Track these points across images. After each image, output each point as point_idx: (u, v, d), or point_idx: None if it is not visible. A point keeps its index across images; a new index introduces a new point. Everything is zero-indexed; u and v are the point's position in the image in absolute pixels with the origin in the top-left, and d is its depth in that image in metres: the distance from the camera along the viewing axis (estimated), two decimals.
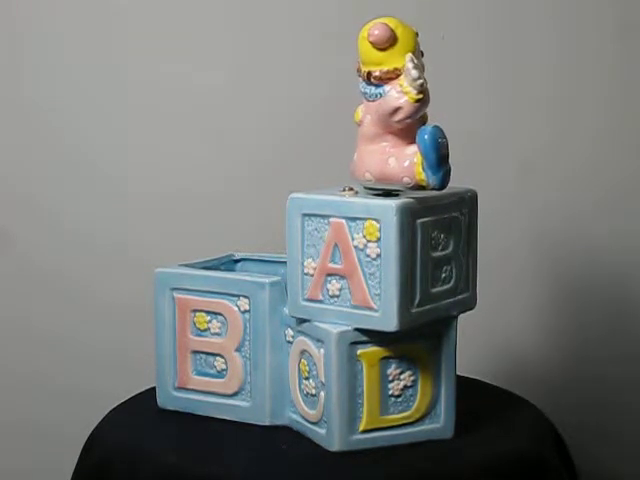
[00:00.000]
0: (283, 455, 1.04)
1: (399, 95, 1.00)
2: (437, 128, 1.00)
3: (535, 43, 1.58)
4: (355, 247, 1.01)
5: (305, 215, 1.04)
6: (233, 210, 1.58)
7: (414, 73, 0.99)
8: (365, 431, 1.04)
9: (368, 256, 1.01)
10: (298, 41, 1.57)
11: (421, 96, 1.00)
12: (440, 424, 1.07)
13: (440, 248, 1.04)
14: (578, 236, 1.61)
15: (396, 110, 1.01)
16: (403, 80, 1.00)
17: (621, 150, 1.61)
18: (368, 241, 1.01)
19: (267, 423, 1.10)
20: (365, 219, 1.01)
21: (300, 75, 1.57)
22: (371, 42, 1.01)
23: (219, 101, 1.57)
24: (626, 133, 1.61)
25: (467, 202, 1.07)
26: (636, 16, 1.59)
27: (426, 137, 0.99)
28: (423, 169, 1.00)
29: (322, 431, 1.04)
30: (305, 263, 1.05)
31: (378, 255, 1.00)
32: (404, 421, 1.05)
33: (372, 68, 1.02)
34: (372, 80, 1.02)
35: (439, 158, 0.99)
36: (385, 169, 1.02)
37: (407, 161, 1.01)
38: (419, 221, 1.01)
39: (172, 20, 1.57)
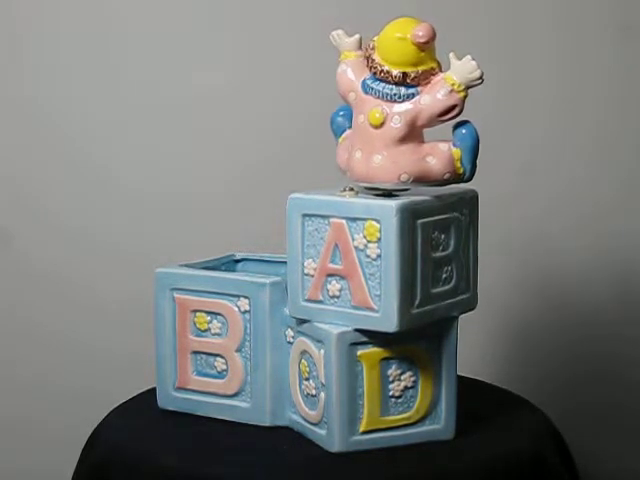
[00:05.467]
0: (283, 456, 1.04)
1: (452, 93, 1.00)
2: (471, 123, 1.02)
3: (536, 43, 1.58)
4: (355, 247, 1.01)
5: (305, 215, 1.04)
6: (233, 210, 1.58)
7: (479, 72, 1.00)
8: (365, 432, 1.03)
9: (368, 257, 1.01)
10: (298, 41, 1.57)
11: (467, 93, 1.01)
12: (441, 425, 1.07)
13: (441, 248, 1.04)
14: (578, 236, 1.61)
15: (451, 108, 1.01)
16: (452, 78, 1.00)
17: (621, 150, 1.61)
18: (368, 241, 1.00)
19: (267, 424, 1.10)
20: (365, 219, 1.00)
21: (300, 75, 1.57)
22: (421, 43, 0.99)
23: (219, 101, 1.57)
24: (626, 133, 1.60)
25: (468, 202, 1.07)
26: (637, 16, 1.59)
27: (467, 132, 1.02)
28: (462, 164, 1.02)
29: (322, 432, 1.04)
30: (305, 263, 1.05)
31: (378, 256, 1.00)
32: (405, 422, 1.05)
33: (408, 69, 1.01)
34: (408, 81, 1.01)
35: (478, 152, 1.02)
36: (425, 168, 1.02)
37: (445, 158, 1.02)
38: (419, 221, 1.01)
39: (172, 20, 1.57)
